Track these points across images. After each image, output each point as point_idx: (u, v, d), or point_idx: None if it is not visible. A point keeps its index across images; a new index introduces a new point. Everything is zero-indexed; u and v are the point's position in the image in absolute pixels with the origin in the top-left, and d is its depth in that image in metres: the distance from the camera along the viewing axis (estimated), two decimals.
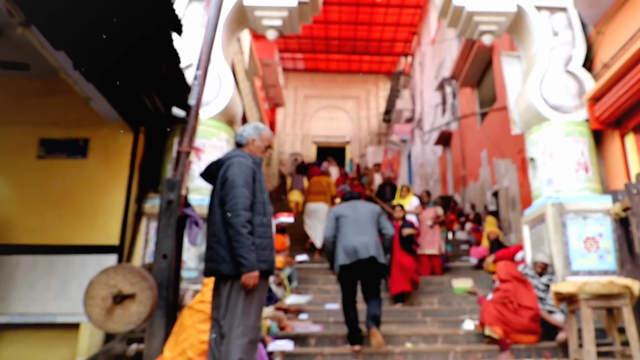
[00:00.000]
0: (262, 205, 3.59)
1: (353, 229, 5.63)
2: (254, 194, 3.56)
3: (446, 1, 7.67)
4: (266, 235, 3.56)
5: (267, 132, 3.89)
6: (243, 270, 3.35)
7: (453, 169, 17.09)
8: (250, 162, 3.64)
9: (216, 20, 4.44)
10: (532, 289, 6.22)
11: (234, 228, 3.40)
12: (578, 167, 6.81)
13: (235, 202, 3.45)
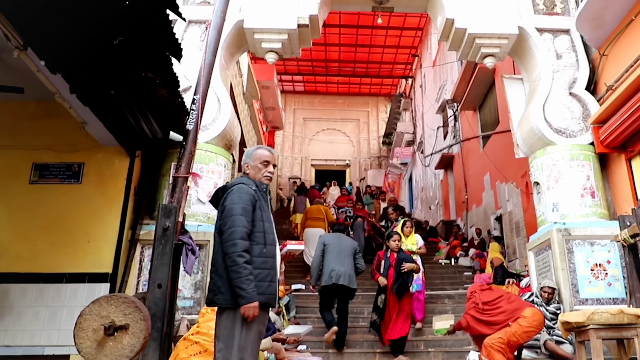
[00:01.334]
0: (262, 235, 3.41)
1: (335, 259, 7.05)
2: (253, 222, 3.40)
3: (447, 24, 7.62)
4: (266, 266, 3.38)
5: (259, 150, 3.70)
6: (241, 302, 3.20)
7: (455, 193, 16.94)
8: (252, 190, 3.48)
9: (216, 44, 4.36)
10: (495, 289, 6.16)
11: (230, 258, 3.26)
12: (584, 191, 6.69)
13: (232, 231, 3.31)
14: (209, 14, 6.63)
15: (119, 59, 3.99)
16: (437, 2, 7.78)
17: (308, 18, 7.38)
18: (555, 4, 7.77)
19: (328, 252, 7.11)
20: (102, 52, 3.82)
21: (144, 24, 3.59)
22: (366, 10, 8.64)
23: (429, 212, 20.01)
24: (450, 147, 16.89)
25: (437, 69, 18.45)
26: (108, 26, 3.59)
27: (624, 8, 6.54)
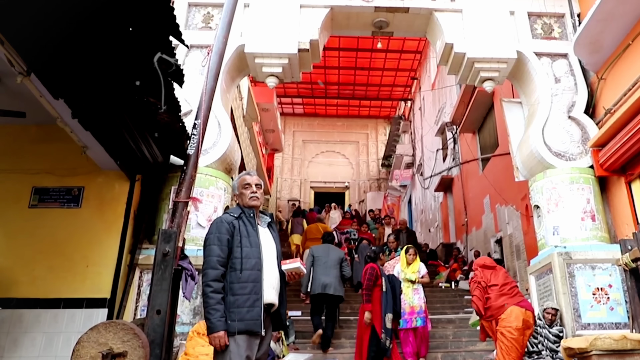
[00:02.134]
0: (240, 261, 3.43)
1: (323, 270, 7.90)
2: (230, 249, 3.43)
3: (447, 48, 7.68)
4: (244, 291, 3.37)
5: (240, 177, 3.84)
6: (207, 332, 3.28)
7: (455, 215, 16.89)
8: (232, 217, 3.56)
9: (217, 69, 4.38)
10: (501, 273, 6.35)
11: (202, 288, 3.36)
12: (584, 215, 6.67)
13: (205, 261, 3.43)
14: (210, 38, 6.71)
15: (121, 85, 4.01)
16: (436, 27, 7.86)
17: (309, 43, 7.45)
18: (553, 28, 7.85)
19: (317, 263, 7.99)
20: (105, 78, 3.84)
21: (147, 50, 3.61)
22: (366, 35, 8.72)
23: (428, 235, 19.93)
24: (450, 169, 16.89)
25: (436, 92, 18.54)
26: (112, 53, 3.62)
27: (621, 33, 6.61)
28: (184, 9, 7.62)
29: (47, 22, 3.24)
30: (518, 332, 5.86)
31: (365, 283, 7.03)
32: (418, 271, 7.90)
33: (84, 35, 3.36)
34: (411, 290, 7.67)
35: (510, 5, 7.89)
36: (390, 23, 8.08)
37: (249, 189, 3.71)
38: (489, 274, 6.33)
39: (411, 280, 7.70)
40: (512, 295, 6.13)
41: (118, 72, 3.79)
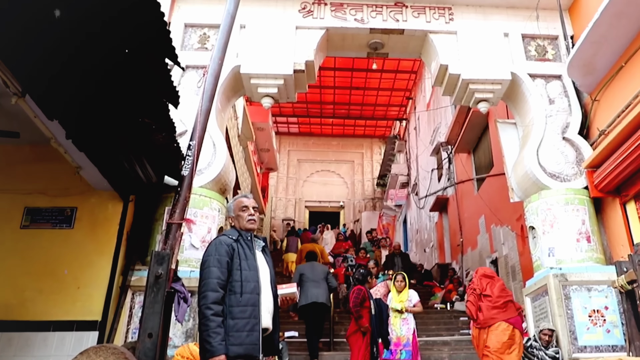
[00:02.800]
0: (240, 284, 3.37)
1: (311, 284, 8.46)
2: (230, 272, 3.37)
3: (441, 69, 7.74)
4: (244, 315, 3.32)
5: (236, 200, 3.77)
6: (206, 355, 3.16)
7: (450, 235, 16.84)
8: (231, 239, 3.49)
9: (213, 91, 4.36)
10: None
11: (200, 310, 3.26)
12: (579, 236, 6.66)
13: (203, 283, 3.33)
14: (206, 59, 6.73)
15: (116, 106, 3.99)
16: (431, 48, 7.92)
17: (304, 64, 7.49)
18: (547, 50, 7.92)
19: (304, 280, 8.50)
20: (100, 99, 3.82)
21: (143, 71, 3.61)
22: (361, 56, 8.78)
23: (423, 255, 19.85)
24: (445, 189, 16.88)
25: (431, 112, 18.61)
26: (107, 74, 3.61)
27: (614, 55, 6.66)
28: (180, 30, 7.66)
29: (42, 44, 3.23)
30: (504, 347, 5.82)
31: (352, 301, 6.87)
32: (409, 299, 7.58)
33: (79, 57, 3.35)
34: (399, 320, 7.40)
35: (504, 28, 7.97)
36: (386, 44, 8.14)
37: (246, 211, 3.67)
38: (485, 283, 6.33)
39: (398, 310, 7.43)
40: (503, 310, 6.09)
41: (113, 94, 3.77)
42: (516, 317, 6.18)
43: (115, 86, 3.72)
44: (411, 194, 21.87)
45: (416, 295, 7.79)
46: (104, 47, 3.33)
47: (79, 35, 3.18)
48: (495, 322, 5.99)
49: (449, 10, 8.03)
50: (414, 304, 7.60)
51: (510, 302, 6.28)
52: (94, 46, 3.32)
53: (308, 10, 7.87)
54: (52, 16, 2.94)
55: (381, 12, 7.93)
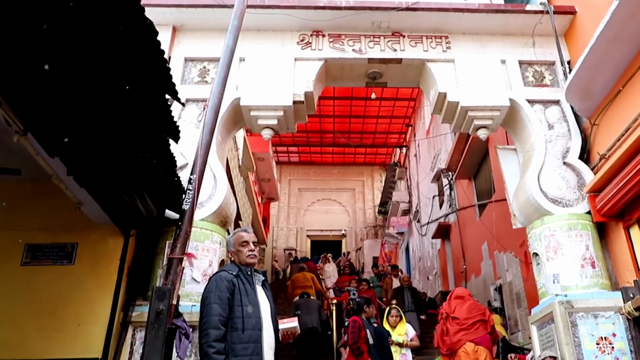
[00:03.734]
0: (241, 320, 3.34)
1: (306, 313, 9.65)
2: (231, 308, 3.34)
3: (440, 97, 7.78)
4: (246, 352, 3.29)
5: (236, 234, 3.77)
6: None
7: (453, 262, 16.73)
8: (231, 275, 3.46)
9: (213, 124, 4.39)
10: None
11: (201, 348, 3.25)
12: (584, 262, 6.59)
13: (204, 320, 3.33)
14: (206, 92, 6.75)
15: (116, 141, 4.00)
16: (429, 76, 7.98)
17: (303, 95, 7.54)
18: (544, 76, 7.96)
19: (300, 310, 9.70)
20: (101, 136, 3.83)
21: (144, 107, 3.62)
22: (360, 86, 8.85)
23: (427, 283, 19.70)
24: (447, 216, 16.84)
25: (431, 139, 18.68)
26: (108, 110, 3.62)
27: (611, 79, 6.68)
28: (180, 64, 7.72)
29: (43, 81, 3.24)
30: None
31: (350, 337, 6.76)
32: (405, 334, 7.49)
33: (79, 94, 3.37)
34: (399, 355, 7.34)
35: (501, 54, 8.03)
36: (384, 74, 8.21)
37: (246, 246, 3.65)
38: (454, 305, 6.21)
39: (399, 344, 7.34)
40: (470, 330, 5.96)
41: (114, 130, 3.78)
42: (484, 335, 6.03)
43: (116, 122, 3.73)
44: (413, 221, 21.81)
45: (412, 330, 7.75)
46: (104, 84, 3.34)
47: (79, 74, 3.20)
48: (461, 345, 5.84)
49: (446, 39, 8.11)
50: (411, 338, 7.57)
51: (481, 322, 6.12)
52: (95, 84, 3.34)
53: (306, 42, 7.96)
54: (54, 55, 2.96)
55: (379, 42, 8.02)
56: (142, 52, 3.07)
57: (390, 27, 8.05)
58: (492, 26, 8.10)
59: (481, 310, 6.42)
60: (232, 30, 4.93)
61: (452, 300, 6.32)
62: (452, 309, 6.17)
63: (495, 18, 8.00)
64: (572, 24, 7.95)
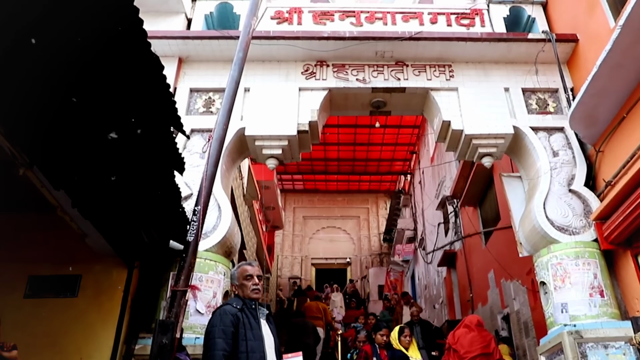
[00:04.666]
0: (246, 355, 3.30)
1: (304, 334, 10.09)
2: (236, 343, 3.30)
3: (444, 126, 7.81)
4: None
5: (240, 268, 3.75)
6: None
7: (460, 291, 16.53)
8: (236, 309, 3.43)
9: (218, 156, 4.40)
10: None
11: None
12: (592, 291, 6.50)
13: (209, 355, 3.31)
14: (211, 122, 6.83)
15: (121, 174, 4.00)
16: (433, 105, 8.02)
17: (308, 124, 7.58)
18: (548, 103, 7.98)
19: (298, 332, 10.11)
20: (106, 168, 3.84)
21: (149, 139, 3.63)
22: (364, 115, 8.90)
23: (433, 312, 19.46)
24: (452, 243, 16.71)
25: (435, 165, 18.66)
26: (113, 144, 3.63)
27: (615, 106, 6.69)
28: (185, 95, 7.80)
29: (49, 116, 3.26)
30: None
31: None
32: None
33: (86, 128, 3.38)
34: None
35: (505, 82, 8.08)
36: (388, 103, 8.26)
37: (250, 280, 3.62)
38: (458, 335, 6.08)
39: None
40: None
41: (119, 162, 3.79)
42: None
43: (121, 154, 3.74)
44: (418, 249, 21.66)
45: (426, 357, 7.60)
46: (110, 117, 3.36)
47: (86, 108, 3.22)
48: None
49: (449, 67, 8.17)
50: None
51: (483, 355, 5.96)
52: (101, 117, 3.36)
53: (311, 72, 8.03)
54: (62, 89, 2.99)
55: (382, 71, 8.08)
56: (148, 86, 3.10)
57: (394, 56, 8.12)
58: (494, 54, 8.17)
59: (485, 342, 6.29)
60: (237, 62, 4.98)
61: (459, 329, 6.20)
62: (455, 340, 6.05)
63: (498, 47, 8.07)
64: (574, 51, 8.00)
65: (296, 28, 8.27)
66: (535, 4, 8.86)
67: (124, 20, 2.63)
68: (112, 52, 2.83)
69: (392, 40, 7.91)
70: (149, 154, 3.78)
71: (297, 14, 8.47)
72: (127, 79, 3.00)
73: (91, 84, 3.03)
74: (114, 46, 2.80)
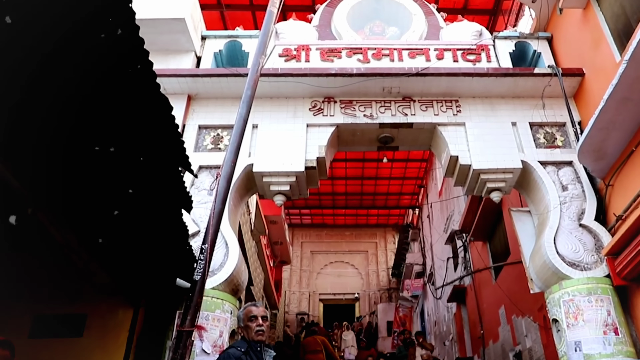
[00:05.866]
0: None
1: None
2: None
3: (452, 161, 7.79)
4: None
5: (245, 309, 3.70)
6: None
7: (470, 327, 16.25)
8: (239, 352, 3.38)
9: (225, 193, 4.39)
10: None
11: None
12: (606, 328, 6.35)
13: None
14: (219, 159, 6.84)
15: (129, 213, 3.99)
16: (440, 140, 8.02)
17: (315, 161, 7.60)
18: (556, 137, 7.97)
19: None
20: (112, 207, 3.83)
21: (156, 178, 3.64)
22: (372, 150, 8.91)
23: (443, 349, 19.10)
24: (462, 278, 16.51)
25: (443, 199, 18.57)
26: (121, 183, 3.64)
27: (623, 140, 6.67)
28: (194, 131, 7.85)
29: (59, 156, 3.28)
30: None
31: None
32: None
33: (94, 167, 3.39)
34: None
35: (512, 117, 8.09)
36: (396, 138, 8.27)
37: (255, 321, 3.58)
38: None
39: None
40: None
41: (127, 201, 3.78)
42: None
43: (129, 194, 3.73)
44: (427, 284, 21.42)
45: None
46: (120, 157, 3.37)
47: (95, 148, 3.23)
48: None
49: (456, 102, 8.20)
50: None
51: None
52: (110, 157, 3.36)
53: (318, 109, 8.08)
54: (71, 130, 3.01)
55: (390, 107, 8.11)
56: (158, 126, 3.11)
57: (401, 92, 8.17)
58: (501, 89, 8.20)
59: None
60: (245, 99, 5.00)
61: None
62: None
63: (505, 81, 8.10)
64: (581, 85, 8.03)
65: (304, 65, 8.36)
66: (540, 39, 8.93)
67: (134, 62, 2.65)
68: (121, 93, 2.85)
69: (399, 76, 7.97)
70: (157, 193, 3.78)
71: (304, 51, 8.57)
72: (137, 119, 3.02)
73: (100, 125, 3.05)
74: (123, 87, 2.83)
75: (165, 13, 8.05)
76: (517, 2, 12.27)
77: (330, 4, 9.72)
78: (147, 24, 6.99)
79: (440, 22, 9.47)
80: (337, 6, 9.59)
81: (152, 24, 7.87)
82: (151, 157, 3.38)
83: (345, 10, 9.50)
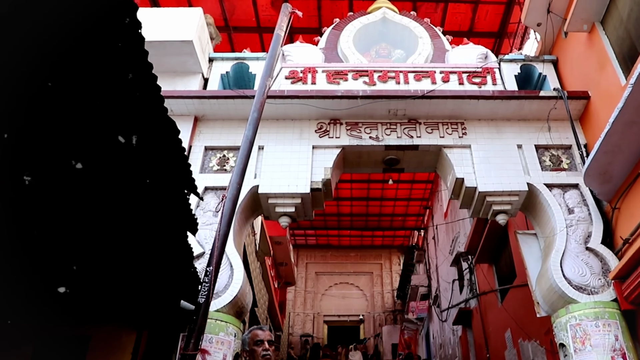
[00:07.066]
0: None
1: None
2: None
3: (457, 183, 7.78)
4: None
5: (251, 333, 3.62)
6: None
7: (476, 350, 16.07)
8: None
9: (231, 215, 4.39)
10: None
11: None
12: (614, 354, 6.26)
13: None
14: (225, 180, 6.86)
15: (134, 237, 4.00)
16: (446, 162, 8.02)
17: (321, 182, 7.60)
18: (562, 160, 7.95)
19: None
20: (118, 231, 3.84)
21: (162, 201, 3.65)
22: (377, 172, 8.92)
23: None
24: (467, 301, 16.37)
25: (449, 221, 18.51)
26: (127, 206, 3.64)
27: (629, 162, 6.66)
28: (200, 153, 7.88)
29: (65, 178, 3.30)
30: None
31: None
32: None
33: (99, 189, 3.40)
34: None
35: (517, 139, 8.09)
36: (401, 160, 8.29)
37: (261, 346, 3.52)
38: None
39: None
40: None
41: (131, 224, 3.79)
42: None
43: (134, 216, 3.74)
44: (433, 306, 21.25)
45: None
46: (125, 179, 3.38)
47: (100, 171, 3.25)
48: None
49: (462, 125, 8.22)
50: None
51: None
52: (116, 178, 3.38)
53: (324, 130, 8.10)
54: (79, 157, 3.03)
55: (395, 129, 8.14)
56: (164, 150, 3.13)
57: (407, 114, 8.20)
58: (507, 112, 8.22)
59: None
60: (252, 122, 5.03)
61: None
62: None
63: (510, 104, 8.12)
64: (586, 108, 8.04)
65: (310, 87, 8.41)
66: (546, 62, 8.97)
67: (141, 87, 2.68)
68: (129, 116, 2.88)
69: (405, 98, 8.00)
70: (162, 216, 3.78)
71: (311, 73, 8.62)
72: (144, 142, 3.03)
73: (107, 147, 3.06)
74: (131, 110, 2.85)
75: (173, 35, 8.14)
76: (522, 25, 12.34)
77: (337, 26, 9.82)
78: (155, 46, 7.08)
79: (446, 45, 9.53)
80: (343, 29, 9.69)
81: (160, 46, 7.95)
82: (157, 179, 3.39)
83: (351, 33, 9.59)
